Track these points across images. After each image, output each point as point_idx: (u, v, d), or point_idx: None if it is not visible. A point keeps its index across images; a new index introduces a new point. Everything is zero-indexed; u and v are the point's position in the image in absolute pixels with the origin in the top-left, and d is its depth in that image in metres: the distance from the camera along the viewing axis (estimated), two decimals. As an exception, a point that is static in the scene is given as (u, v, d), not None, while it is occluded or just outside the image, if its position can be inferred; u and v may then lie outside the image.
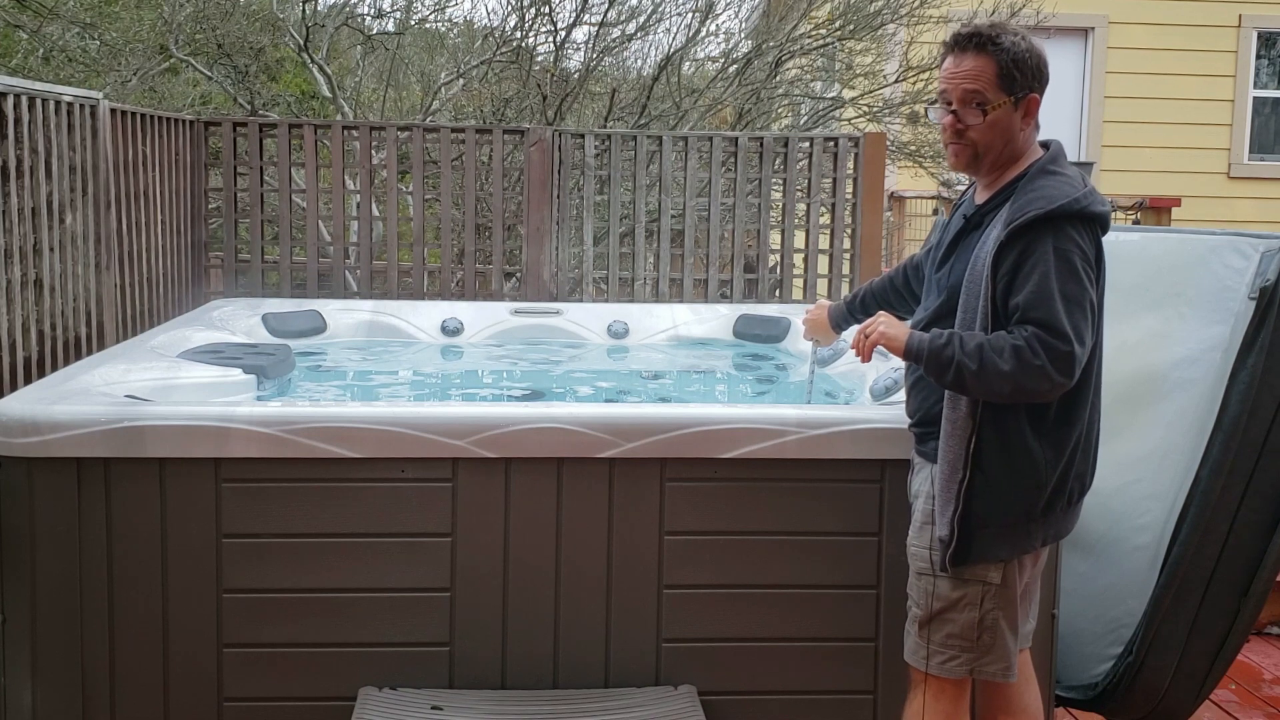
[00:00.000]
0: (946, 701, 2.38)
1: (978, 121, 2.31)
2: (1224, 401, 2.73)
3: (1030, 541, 2.32)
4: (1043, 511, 2.30)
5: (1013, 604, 2.34)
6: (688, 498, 2.73)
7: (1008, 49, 2.32)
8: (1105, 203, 2.29)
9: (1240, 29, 11.04)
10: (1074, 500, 2.36)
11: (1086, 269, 2.20)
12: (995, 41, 2.33)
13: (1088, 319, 2.19)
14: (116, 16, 9.48)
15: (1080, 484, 2.36)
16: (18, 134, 3.92)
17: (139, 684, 2.65)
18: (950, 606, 2.34)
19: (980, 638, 2.33)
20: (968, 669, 2.35)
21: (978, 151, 2.37)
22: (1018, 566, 2.34)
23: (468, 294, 6.19)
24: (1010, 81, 2.32)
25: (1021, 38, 2.34)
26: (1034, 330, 2.18)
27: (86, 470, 2.59)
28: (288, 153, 6.07)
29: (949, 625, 2.34)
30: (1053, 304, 2.17)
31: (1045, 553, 2.44)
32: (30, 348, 4.02)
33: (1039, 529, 2.32)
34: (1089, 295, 2.20)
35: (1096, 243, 2.25)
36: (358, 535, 2.68)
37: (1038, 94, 2.36)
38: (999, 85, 2.33)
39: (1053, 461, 2.27)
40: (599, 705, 2.66)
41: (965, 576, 2.32)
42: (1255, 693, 3.65)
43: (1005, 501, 2.28)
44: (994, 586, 2.31)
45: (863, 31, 8.78)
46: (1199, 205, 9.60)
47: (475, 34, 9.83)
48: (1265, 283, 2.68)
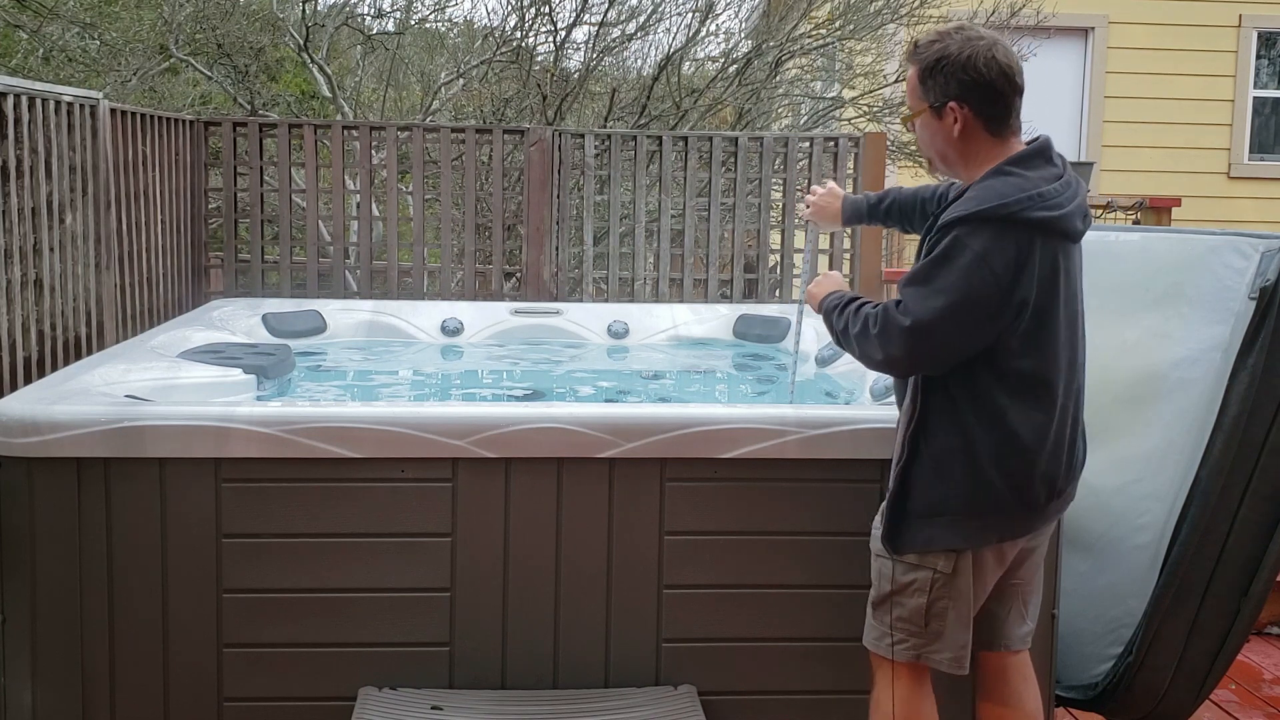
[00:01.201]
0: (903, 686, 2.38)
1: (912, 132, 2.32)
2: (1224, 401, 2.73)
3: (984, 535, 2.31)
4: (996, 508, 2.29)
5: (964, 597, 2.33)
6: (688, 498, 2.73)
7: (927, 57, 2.32)
8: (1063, 205, 2.23)
9: (1240, 29, 11.04)
10: (1042, 502, 2.32)
11: (985, 268, 2.17)
12: (918, 49, 2.35)
13: (949, 303, 2.18)
14: (116, 16, 9.48)
15: (1049, 486, 2.32)
16: (18, 134, 3.92)
17: (139, 684, 2.65)
18: (900, 590, 2.36)
19: (928, 625, 2.34)
20: (915, 654, 2.36)
21: (930, 158, 2.41)
22: (974, 561, 2.32)
23: (468, 294, 6.19)
24: (926, 90, 2.33)
25: (956, 43, 2.29)
26: (889, 302, 2.28)
27: (86, 470, 2.59)
28: (288, 153, 6.07)
29: (898, 609, 2.36)
30: (915, 285, 2.24)
31: (1013, 553, 2.39)
32: (30, 348, 4.02)
33: (995, 524, 2.31)
34: (971, 293, 2.18)
35: (1025, 246, 2.19)
36: (358, 535, 2.68)
37: (966, 102, 2.29)
38: (919, 94, 2.36)
39: (1004, 458, 2.26)
40: (599, 705, 2.66)
41: (916, 562, 2.33)
42: (1255, 693, 3.65)
43: (942, 490, 2.30)
44: (944, 576, 2.32)
45: (863, 31, 8.78)
46: (1199, 205, 9.60)
47: (475, 34, 9.83)
48: (1265, 283, 2.68)
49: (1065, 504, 2.45)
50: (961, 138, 2.33)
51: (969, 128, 2.31)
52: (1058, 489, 2.35)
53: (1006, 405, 2.26)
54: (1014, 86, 2.30)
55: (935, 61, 2.31)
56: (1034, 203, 2.20)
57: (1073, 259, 2.31)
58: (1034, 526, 2.38)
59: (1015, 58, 2.32)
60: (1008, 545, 2.36)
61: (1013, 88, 2.30)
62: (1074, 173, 2.35)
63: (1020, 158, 2.29)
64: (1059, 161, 2.32)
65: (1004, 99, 2.30)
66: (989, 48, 2.29)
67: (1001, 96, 2.30)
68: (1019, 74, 2.31)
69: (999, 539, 2.33)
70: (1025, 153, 2.30)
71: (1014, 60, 2.31)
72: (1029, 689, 2.55)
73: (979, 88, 2.28)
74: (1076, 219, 2.27)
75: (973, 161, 2.34)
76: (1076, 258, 2.33)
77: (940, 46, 2.31)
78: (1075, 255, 2.33)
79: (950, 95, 2.30)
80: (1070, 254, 2.29)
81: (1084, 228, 2.30)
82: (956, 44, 2.29)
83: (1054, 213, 2.22)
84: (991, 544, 2.33)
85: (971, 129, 2.31)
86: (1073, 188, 2.29)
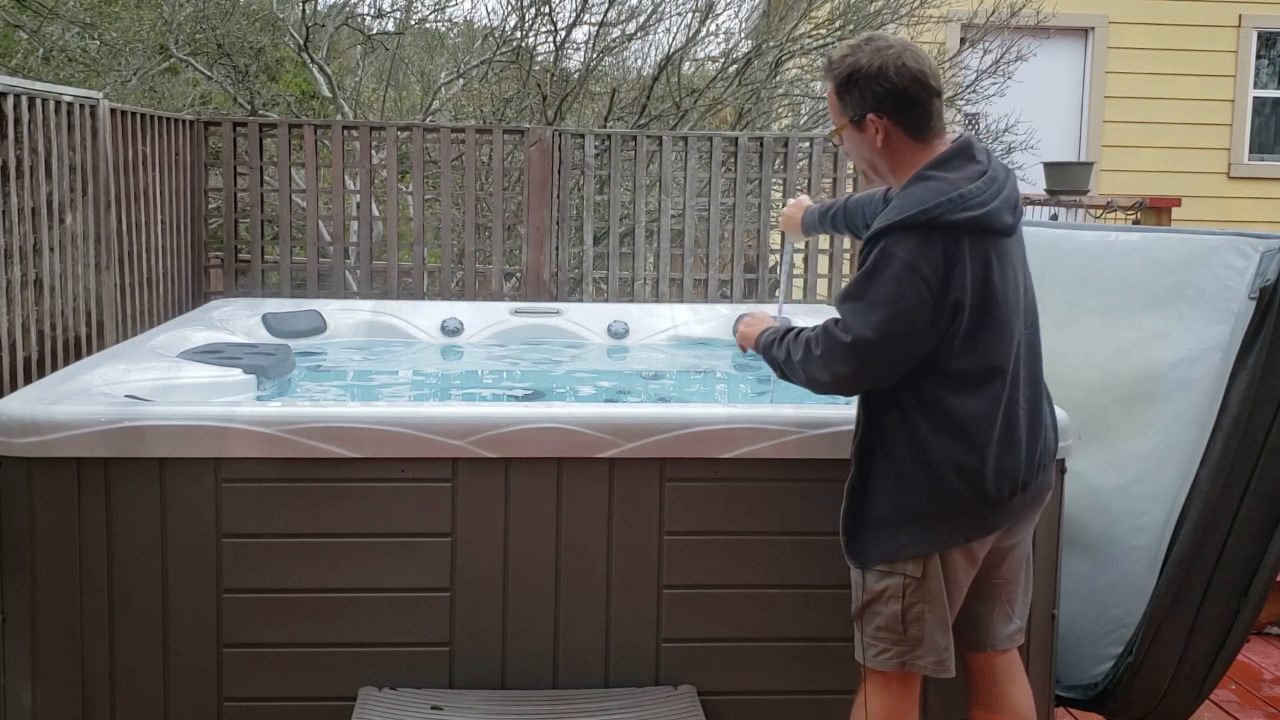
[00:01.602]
0: (891, 695, 2.38)
1: (841, 146, 2.36)
2: (1224, 401, 2.73)
3: (950, 537, 2.31)
4: (957, 509, 2.30)
5: (938, 599, 2.33)
6: (688, 498, 2.73)
7: (840, 72, 2.35)
8: (987, 203, 2.23)
9: (1240, 29, 11.04)
10: (1005, 497, 2.32)
11: (914, 275, 2.19)
12: (832, 65, 2.38)
13: (885, 314, 2.20)
14: (116, 16, 9.48)
15: (1011, 480, 2.31)
16: (18, 134, 3.92)
17: (139, 684, 2.65)
18: (875, 599, 2.36)
19: (907, 631, 2.33)
20: (899, 662, 2.36)
21: (862, 169, 2.45)
22: (944, 562, 2.32)
23: (468, 294, 6.19)
24: (844, 104, 2.38)
25: (866, 54, 2.32)
26: (828, 322, 2.30)
27: (86, 470, 2.59)
28: (288, 153, 6.07)
29: (877, 618, 2.36)
30: (851, 301, 2.27)
31: (983, 551, 2.38)
32: (30, 348, 4.02)
33: (960, 525, 2.31)
34: (904, 300, 2.19)
35: (952, 248, 2.20)
36: (358, 535, 2.68)
37: (883, 112, 2.31)
38: (839, 109, 2.40)
39: (959, 458, 2.27)
40: (599, 705, 2.66)
41: (886, 569, 2.34)
42: (1255, 693, 3.65)
43: (902, 498, 2.31)
44: (914, 580, 2.32)
45: (863, 31, 8.78)
46: (1199, 205, 9.60)
47: (475, 34, 9.83)
48: (1265, 283, 2.68)
49: (1037, 499, 2.42)
50: (885, 147, 2.35)
51: (891, 136, 2.34)
52: (1021, 482, 2.34)
53: (954, 405, 2.27)
54: (928, 90, 2.32)
55: (848, 76, 2.34)
56: (955, 205, 2.21)
57: (1008, 252, 2.30)
58: (1002, 523, 2.36)
59: (927, 61, 2.33)
60: (977, 544, 2.35)
61: (927, 91, 2.32)
62: (1001, 166, 2.34)
63: (940, 160, 2.30)
64: (983, 158, 2.32)
65: (920, 104, 2.31)
66: (898, 55, 2.30)
67: (917, 102, 2.31)
68: (932, 76, 2.33)
69: (966, 539, 2.33)
70: (945, 154, 2.31)
71: (925, 64, 2.32)
72: (1018, 689, 2.53)
73: (893, 96, 2.30)
74: (1003, 213, 2.27)
75: (899, 168, 2.36)
76: (1014, 249, 2.33)
77: (851, 60, 2.33)
78: (1012, 247, 2.32)
79: (867, 107, 2.33)
80: (1004, 248, 2.29)
81: (1014, 220, 2.30)
82: (867, 56, 2.32)
83: (977, 211, 2.22)
84: (959, 544, 2.32)
85: (893, 137, 2.34)
86: (998, 182, 2.28)
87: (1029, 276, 2.39)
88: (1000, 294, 2.26)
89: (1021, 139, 9.24)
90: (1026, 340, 2.35)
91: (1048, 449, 2.42)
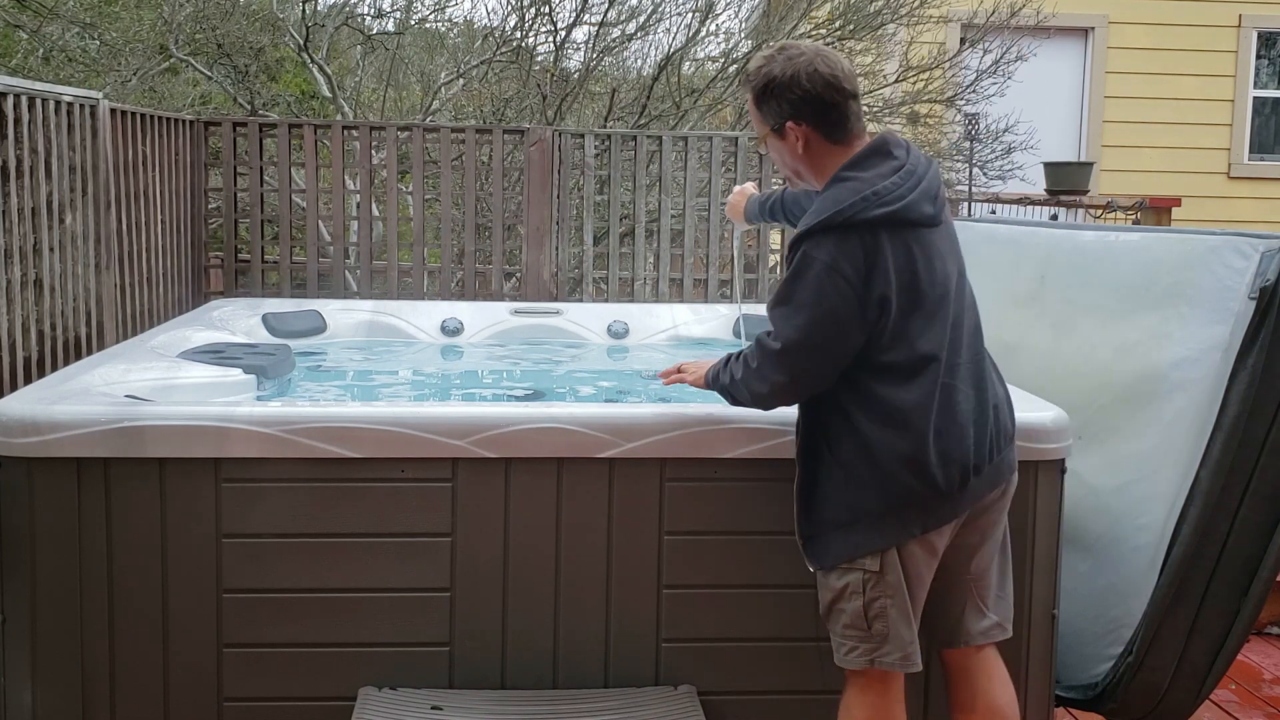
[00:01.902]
0: (873, 696, 2.39)
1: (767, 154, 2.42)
2: (1224, 401, 2.73)
3: (905, 530, 2.32)
4: (908, 501, 2.31)
5: (899, 592, 2.33)
6: (688, 498, 2.73)
7: (756, 84, 2.41)
8: (903, 196, 2.27)
9: (1240, 29, 11.04)
10: (956, 484, 2.31)
11: (836, 276, 2.24)
12: (749, 78, 2.45)
13: (812, 317, 2.26)
14: (116, 16, 9.48)
15: (960, 467, 2.32)
16: (18, 134, 3.92)
17: (139, 684, 2.65)
18: (838, 596, 2.38)
19: (871, 627, 2.35)
20: (867, 660, 2.36)
21: (788, 176, 2.54)
22: (902, 555, 2.33)
23: (468, 294, 6.19)
24: (764, 115, 2.43)
25: (779, 64, 2.37)
26: (760, 334, 2.37)
27: (86, 470, 2.59)
28: (288, 153, 6.08)
29: (842, 615, 2.38)
30: (778, 307, 2.32)
31: (942, 542, 2.38)
32: (30, 348, 4.02)
33: (913, 517, 2.32)
34: (828, 301, 2.24)
35: (871, 245, 2.25)
36: (358, 535, 2.68)
37: (801, 119, 2.36)
38: (759, 120, 2.46)
39: (902, 449, 2.28)
40: (599, 705, 2.66)
41: (846, 566, 2.36)
42: (1255, 693, 3.65)
43: (853, 497, 2.33)
44: (873, 574, 2.33)
45: (863, 31, 8.78)
46: (1199, 205, 9.61)
47: (475, 34, 9.83)
48: (1265, 283, 2.68)
49: (994, 483, 2.40)
50: (807, 152, 2.40)
51: (811, 141, 2.39)
52: (973, 467, 2.33)
53: (890, 397, 2.29)
54: (842, 93, 2.36)
55: (764, 87, 2.39)
56: (870, 202, 2.25)
57: (933, 242, 2.33)
58: (958, 510, 2.36)
59: (839, 64, 2.38)
60: (934, 535, 2.35)
61: (841, 95, 2.36)
62: (921, 158, 2.37)
63: (856, 160, 2.35)
64: (901, 153, 2.35)
65: (836, 108, 2.36)
66: (810, 62, 2.35)
67: (833, 106, 2.35)
68: (845, 79, 2.36)
69: (921, 530, 2.33)
70: (861, 153, 2.36)
71: (838, 67, 2.36)
72: (995, 687, 2.51)
73: (808, 103, 2.35)
74: (923, 204, 2.30)
75: (822, 172, 2.40)
76: (939, 239, 2.35)
77: (766, 71, 2.39)
78: (937, 236, 2.34)
79: (785, 115, 2.38)
80: (927, 238, 2.31)
81: (935, 210, 2.33)
82: (779, 65, 2.37)
83: (894, 206, 2.26)
84: (914, 536, 2.33)
85: (814, 142, 2.39)
86: (916, 174, 2.32)
87: (961, 262, 2.42)
88: (926, 284, 2.29)
89: (1021, 139, 9.24)
90: (965, 324, 2.38)
91: (1002, 430, 2.41)
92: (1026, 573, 2.75)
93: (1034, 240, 3.65)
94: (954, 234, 2.42)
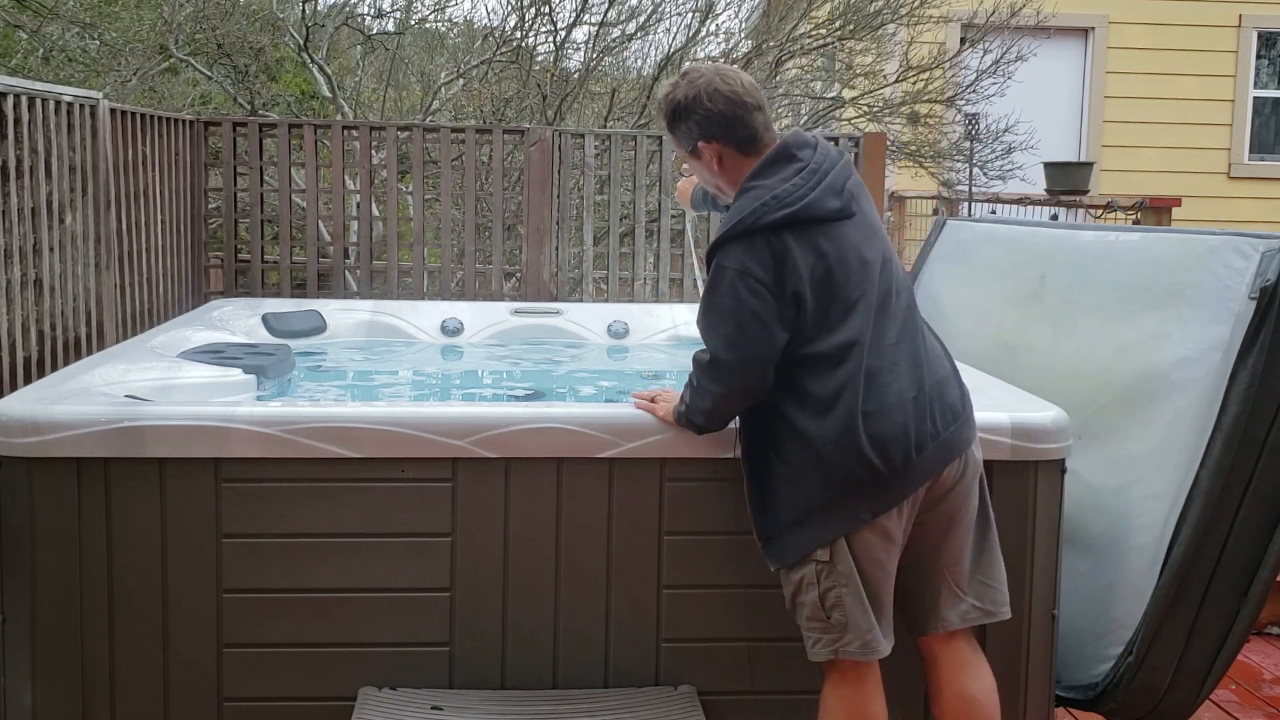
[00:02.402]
0: (848, 687, 2.42)
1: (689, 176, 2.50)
2: (1224, 401, 2.73)
3: (852, 516, 2.34)
4: (849, 488, 2.33)
5: (851, 579, 2.36)
6: (688, 498, 2.73)
7: (666, 110, 2.53)
8: (804, 196, 2.34)
9: (1240, 29, 11.04)
10: (899, 463, 2.32)
11: (748, 280, 2.33)
12: (660, 105, 2.56)
13: (734, 323, 2.35)
14: (116, 16, 9.47)
15: (900, 448, 2.33)
16: (18, 134, 3.92)
17: (139, 684, 2.65)
18: (797, 590, 2.42)
19: (830, 617, 2.37)
20: (831, 650, 2.39)
21: (713, 193, 2.65)
22: (856, 543, 2.35)
23: (468, 294, 6.19)
24: (678, 138, 2.54)
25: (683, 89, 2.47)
26: (695, 354, 2.46)
27: (86, 470, 2.59)
28: (288, 153, 6.07)
29: (804, 608, 2.42)
30: (702, 320, 2.43)
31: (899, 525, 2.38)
32: (30, 348, 4.02)
33: (858, 502, 2.33)
34: (746, 305, 2.33)
35: (778, 246, 2.33)
36: (358, 535, 2.68)
37: (710, 138, 2.46)
38: (677, 142, 2.57)
39: (832, 438, 2.32)
40: (599, 705, 2.66)
41: (797, 559, 2.40)
42: (1255, 693, 3.65)
43: (801, 492, 2.37)
44: (824, 565, 2.36)
45: (863, 31, 8.78)
46: (1199, 205, 9.60)
47: (475, 34, 9.82)
48: (1265, 283, 2.68)
49: (945, 459, 2.39)
50: (723, 168, 2.51)
51: (724, 157, 2.49)
52: (914, 446, 2.34)
53: (818, 388, 2.35)
54: (745, 106, 2.44)
55: (672, 112, 2.51)
56: (770, 207, 2.34)
57: (845, 234, 2.38)
58: (906, 491, 2.35)
59: (739, 79, 2.46)
60: (885, 520, 2.35)
61: (744, 108, 2.44)
62: (829, 154, 2.44)
63: (759, 169, 2.43)
64: (806, 153, 2.42)
65: (741, 122, 2.45)
66: (709, 82, 2.45)
67: (738, 121, 2.44)
68: (746, 93, 2.45)
69: (870, 514, 2.34)
70: (764, 161, 2.44)
71: (737, 83, 2.45)
72: (969, 674, 2.51)
73: (714, 121, 2.45)
74: (827, 200, 2.37)
75: (738, 185, 2.48)
76: (852, 229, 2.40)
77: (671, 97, 2.50)
78: (849, 228, 2.40)
79: (695, 136, 2.48)
80: (837, 232, 2.38)
81: (842, 203, 2.39)
82: (683, 90, 2.47)
83: (794, 208, 2.34)
84: (865, 522, 2.34)
85: (727, 157, 2.49)
86: (820, 172, 2.39)
87: (886, 246, 2.47)
88: (841, 276, 2.35)
89: (1021, 139, 9.24)
90: (893, 307, 2.41)
91: (947, 407, 2.42)
92: (1026, 573, 2.75)
93: (1034, 240, 3.65)
94: (872, 222, 2.47)
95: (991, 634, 2.72)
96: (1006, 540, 2.68)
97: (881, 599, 2.40)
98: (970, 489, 2.47)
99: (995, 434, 2.70)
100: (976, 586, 2.51)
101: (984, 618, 2.52)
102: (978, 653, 2.55)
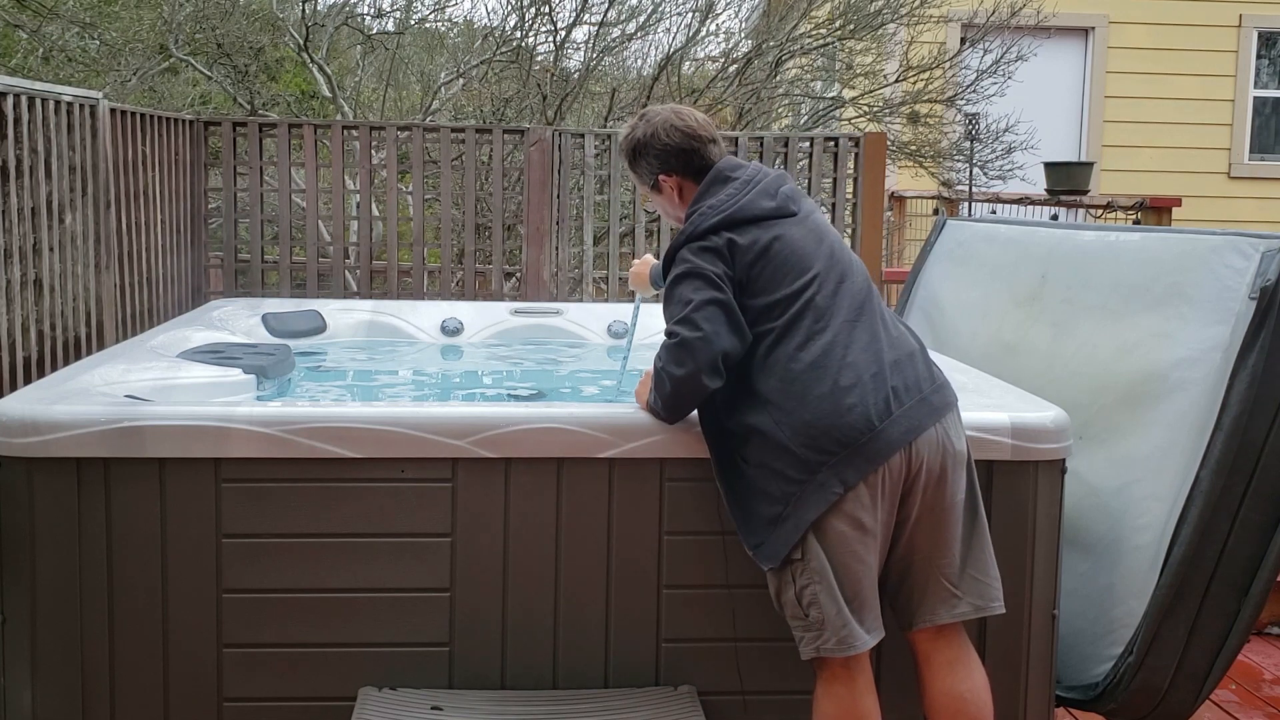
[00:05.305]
0: (839, 686, 2.43)
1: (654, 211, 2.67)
2: (1224, 401, 2.73)
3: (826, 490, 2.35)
4: (816, 464, 2.35)
5: (824, 575, 2.37)
6: (688, 498, 2.73)
7: (625, 149, 2.73)
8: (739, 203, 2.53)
9: (1240, 29, 11.04)
10: (862, 434, 2.34)
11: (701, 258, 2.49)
12: (621, 146, 2.75)
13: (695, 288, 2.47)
14: (116, 16, 9.47)
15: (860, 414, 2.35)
16: (18, 134, 3.92)
17: (139, 684, 2.65)
18: (780, 590, 2.46)
19: (808, 615, 2.39)
20: (814, 648, 2.41)
21: (674, 224, 2.78)
22: (824, 537, 2.36)
23: (468, 294, 6.19)
24: (639, 174, 2.74)
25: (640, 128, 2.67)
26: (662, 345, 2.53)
27: (86, 470, 2.59)
28: (288, 153, 6.07)
29: (786, 609, 2.46)
30: (666, 310, 2.54)
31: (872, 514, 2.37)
32: (30, 348, 4.02)
33: (828, 476, 2.35)
34: (707, 292, 2.45)
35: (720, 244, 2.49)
36: (358, 535, 2.68)
37: (669, 171, 2.67)
38: (639, 179, 2.77)
39: (786, 420, 2.38)
40: (599, 705, 2.66)
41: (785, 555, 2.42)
42: (1255, 693, 3.65)
43: (761, 491, 2.42)
44: (798, 561, 2.39)
45: (863, 31, 8.78)
46: (1199, 205, 9.60)
47: (475, 34, 9.82)
48: (1266, 283, 2.68)
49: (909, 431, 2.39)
50: (683, 198, 2.69)
51: (684, 189, 2.69)
52: (878, 414, 2.36)
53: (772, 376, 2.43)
54: (699, 139, 2.65)
55: (632, 150, 2.72)
56: (708, 215, 2.54)
57: (785, 230, 2.53)
58: (876, 459, 2.35)
59: (693, 115, 2.67)
60: (858, 507, 2.35)
61: (699, 140, 2.65)
62: (759, 171, 2.62)
63: (699, 194, 2.62)
64: (739, 173, 2.61)
65: (698, 154, 2.65)
66: (665, 120, 2.66)
67: (694, 153, 2.65)
68: (700, 127, 2.66)
69: (842, 485, 2.34)
70: (702, 186, 2.63)
71: (691, 119, 2.66)
72: (957, 672, 2.50)
73: (671, 155, 2.66)
74: (760, 202, 2.55)
75: None
76: (793, 226, 2.55)
77: (630, 136, 2.71)
78: (790, 225, 2.54)
79: (655, 170, 2.69)
80: (777, 228, 2.53)
81: (776, 203, 2.55)
82: (641, 129, 2.68)
83: (730, 210, 2.53)
84: (839, 495, 2.34)
85: (686, 190, 2.68)
86: (752, 183, 2.57)
87: (833, 237, 2.61)
88: (785, 260, 2.49)
89: (1021, 139, 9.24)
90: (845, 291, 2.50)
91: (912, 381, 2.44)
92: (1026, 573, 2.75)
93: (1034, 240, 3.65)
94: (815, 220, 2.61)
95: (991, 634, 2.72)
96: (1007, 540, 2.68)
97: (860, 593, 2.40)
98: (952, 481, 2.45)
99: (995, 434, 2.70)
100: (968, 581, 2.50)
101: (975, 613, 2.52)
102: (969, 651, 2.55)
